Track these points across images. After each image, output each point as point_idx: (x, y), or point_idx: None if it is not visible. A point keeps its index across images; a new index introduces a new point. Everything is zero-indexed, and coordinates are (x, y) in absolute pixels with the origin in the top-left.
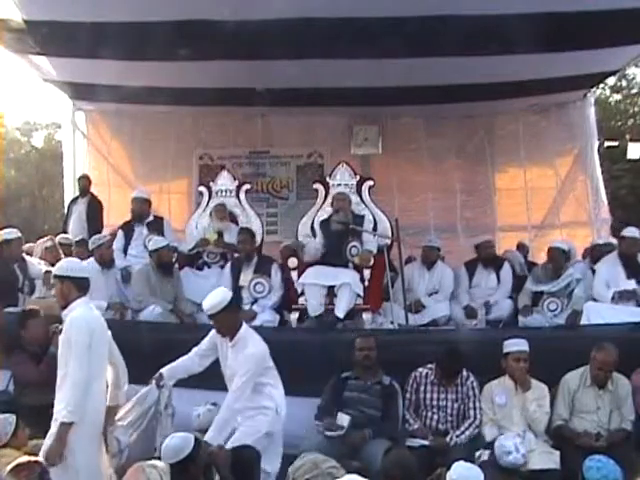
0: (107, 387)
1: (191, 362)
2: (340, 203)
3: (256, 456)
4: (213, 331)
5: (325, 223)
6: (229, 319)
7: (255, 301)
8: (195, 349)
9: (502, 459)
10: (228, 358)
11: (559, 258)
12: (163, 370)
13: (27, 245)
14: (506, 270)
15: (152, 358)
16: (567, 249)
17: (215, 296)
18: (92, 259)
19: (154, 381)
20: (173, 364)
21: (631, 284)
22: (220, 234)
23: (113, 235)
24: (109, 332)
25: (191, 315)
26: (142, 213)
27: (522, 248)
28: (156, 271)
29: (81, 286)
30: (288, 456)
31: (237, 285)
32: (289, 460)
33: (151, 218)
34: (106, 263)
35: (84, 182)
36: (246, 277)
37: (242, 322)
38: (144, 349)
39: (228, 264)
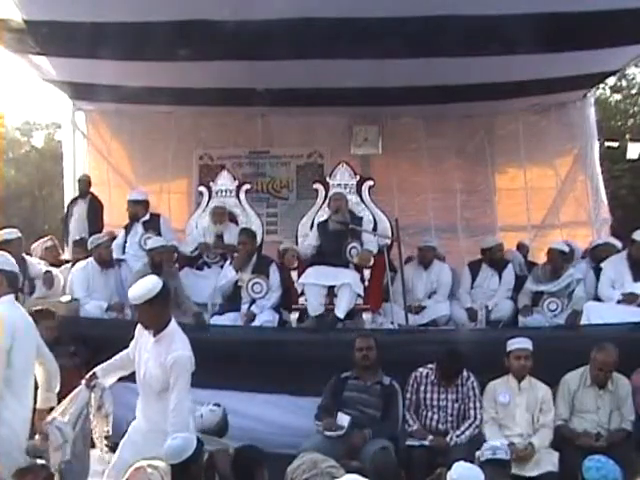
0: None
1: (127, 359)
2: (337, 203)
3: (258, 456)
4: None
5: (323, 224)
6: (156, 311)
7: (253, 301)
8: (132, 344)
9: (484, 454)
10: (148, 352)
11: (557, 259)
12: (97, 369)
13: None
14: (509, 271)
15: None
16: (567, 250)
17: (143, 284)
18: (91, 259)
19: (84, 381)
20: (107, 362)
21: (638, 287)
22: (220, 236)
23: (113, 237)
24: (37, 332)
25: (200, 314)
26: (136, 214)
27: (522, 248)
28: (151, 271)
29: (12, 281)
30: (288, 456)
31: (235, 284)
32: (288, 460)
33: (147, 217)
34: (105, 263)
35: (84, 184)
36: (244, 277)
37: (171, 318)
38: None
39: (227, 262)
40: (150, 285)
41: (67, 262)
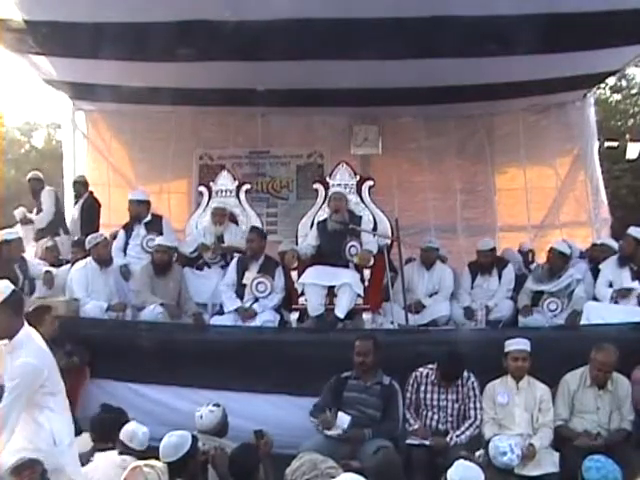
0: None
1: None
2: (337, 203)
3: (255, 456)
4: None
5: (322, 224)
6: (5, 317)
7: (256, 300)
8: None
9: (496, 459)
10: (5, 369)
11: (556, 260)
12: None
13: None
14: (508, 271)
15: (152, 358)
16: (569, 252)
17: None
18: (90, 258)
19: None
20: None
21: (635, 286)
22: (220, 237)
23: (113, 237)
24: None
25: (200, 315)
26: (139, 214)
27: (525, 253)
28: (153, 270)
29: None
30: (287, 456)
31: (241, 282)
32: (288, 460)
33: (149, 218)
34: (104, 262)
35: (79, 185)
36: (250, 276)
37: (22, 324)
38: (144, 349)
39: (234, 260)
40: None
41: (67, 262)
